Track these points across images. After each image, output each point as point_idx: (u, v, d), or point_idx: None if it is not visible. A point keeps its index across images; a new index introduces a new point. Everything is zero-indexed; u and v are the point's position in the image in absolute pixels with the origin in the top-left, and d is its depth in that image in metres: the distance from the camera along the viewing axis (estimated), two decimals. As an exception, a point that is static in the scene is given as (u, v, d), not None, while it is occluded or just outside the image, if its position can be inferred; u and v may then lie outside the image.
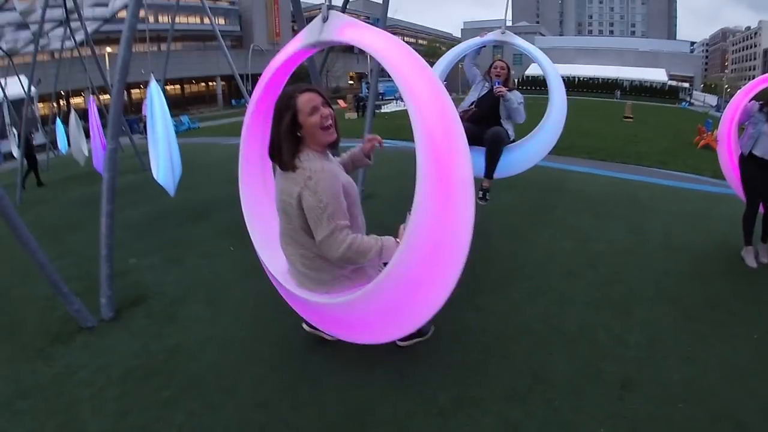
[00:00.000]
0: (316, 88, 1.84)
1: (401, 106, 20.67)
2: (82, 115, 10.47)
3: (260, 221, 2.23)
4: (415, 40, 58.86)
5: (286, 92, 1.82)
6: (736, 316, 2.60)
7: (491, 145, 3.55)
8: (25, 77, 9.72)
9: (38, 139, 14.09)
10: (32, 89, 9.02)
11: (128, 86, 26.61)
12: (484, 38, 3.99)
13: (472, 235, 1.56)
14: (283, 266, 2.07)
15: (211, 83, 41.79)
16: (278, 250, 2.02)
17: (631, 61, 52.99)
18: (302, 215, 1.74)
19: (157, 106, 4.35)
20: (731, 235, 3.62)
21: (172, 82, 36.00)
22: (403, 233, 1.62)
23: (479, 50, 4.12)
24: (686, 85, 51.00)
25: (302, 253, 1.85)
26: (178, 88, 39.25)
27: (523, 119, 3.65)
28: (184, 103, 36.17)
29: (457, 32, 73.91)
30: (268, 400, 1.99)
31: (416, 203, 1.49)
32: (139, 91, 30.42)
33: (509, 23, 4.01)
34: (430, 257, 1.56)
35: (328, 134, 1.79)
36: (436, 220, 1.53)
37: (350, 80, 50.60)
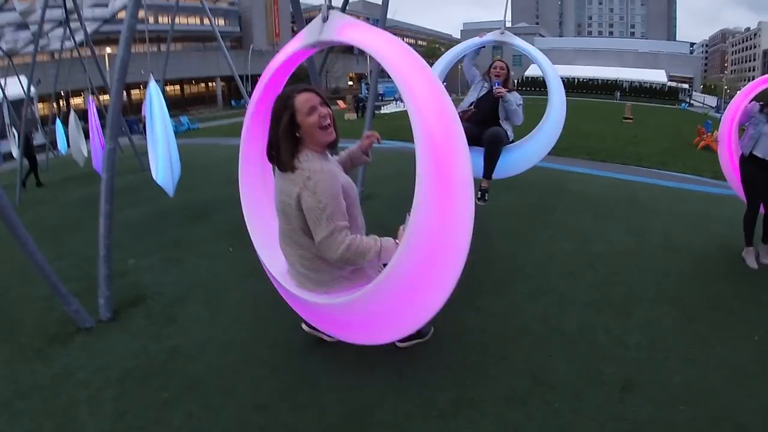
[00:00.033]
0: (314, 88, 1.84)
1: (401, 106, 20.65)
2: (81, 115, 10.46)
3: (260, 221, 2.23)
4: (414, 41, 58.86)
5: (283, 93, 1.82)
6: (736, 317, 2.59)
7: (490, 145, 3.55)
8: (24, 77, 9.71)
9: (38, 139, 14.08)
10: (32, 89, 9.01)
11: (128, 87, 26.67)
12: (483, 39, 3.99)
13: (471, 235, 1.55)
14: (282, 266, 2.07)
15: (210, 84, 41.81)
16: (278, 250, 2.01)
17: (630, 62, 52.99)
18: (301, 216, 1.74)
19: (156, 106, 4.35)
20: (732, 235, 3.62)
21: (171, 82, 36.01)
22: (402, 234, 1.62)
23: (478, 51, 4.11)
24: (686, 86, 51.01)
25: (301, 253, 1.85)
26: (177, 88, 39.25)
27: (521, 121, 3.64)
28: (183, 103, 36.17)
29: (456, 33, 74.03)
30: (267, 401, 1.98)
31: (416, 204, 1.49)
32: (138, 91, 30.39)
33: (509, 24, 4.01)
34: (429, 258, 1.56)
35: (326, 134, 1.79)
36: (435, 220, 1.52)
37: (350, 81, 50.60)
